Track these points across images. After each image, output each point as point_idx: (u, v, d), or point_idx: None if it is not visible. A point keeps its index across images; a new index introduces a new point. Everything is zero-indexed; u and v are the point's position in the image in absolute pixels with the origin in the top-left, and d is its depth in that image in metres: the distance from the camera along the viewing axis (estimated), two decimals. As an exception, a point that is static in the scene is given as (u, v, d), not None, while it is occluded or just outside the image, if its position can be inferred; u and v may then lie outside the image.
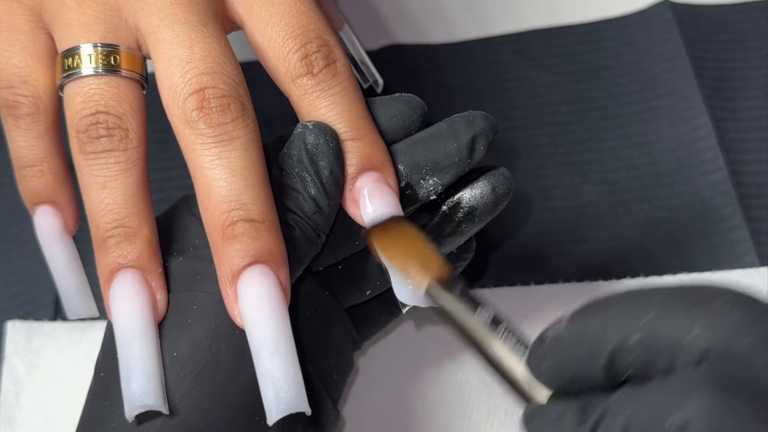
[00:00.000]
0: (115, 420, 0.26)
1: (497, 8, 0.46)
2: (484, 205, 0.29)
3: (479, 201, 0.29)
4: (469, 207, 0.29)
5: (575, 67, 0.44)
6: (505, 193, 0.30)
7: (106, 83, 0.27)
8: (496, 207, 0.30)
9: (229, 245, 0.25)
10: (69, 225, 0.31)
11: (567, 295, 0.37)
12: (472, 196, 0.29)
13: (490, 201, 0.29)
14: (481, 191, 0.29)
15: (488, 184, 0.29)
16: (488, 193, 0.29)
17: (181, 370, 0.26)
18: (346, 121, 0.27)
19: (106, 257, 0.26)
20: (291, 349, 0.25)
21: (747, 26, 0.44)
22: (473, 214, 0.30)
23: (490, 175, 0.30)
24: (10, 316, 0.39)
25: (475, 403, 0.35)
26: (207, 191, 0.26)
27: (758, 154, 0.40)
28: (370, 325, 0.33)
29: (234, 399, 0.26)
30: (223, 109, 0.26)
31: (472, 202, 0.29)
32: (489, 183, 0.29)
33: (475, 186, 0.29)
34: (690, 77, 0.42)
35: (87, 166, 0.27)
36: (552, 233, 0.39)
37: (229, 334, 0.26)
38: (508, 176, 0.30)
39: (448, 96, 0.44)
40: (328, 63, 0.27)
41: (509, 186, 0.30)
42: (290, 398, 0.24)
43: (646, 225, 0.39)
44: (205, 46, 0.26)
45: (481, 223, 0.30)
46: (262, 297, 0.25)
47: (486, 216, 0.30)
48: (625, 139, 0.41)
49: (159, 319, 0.27)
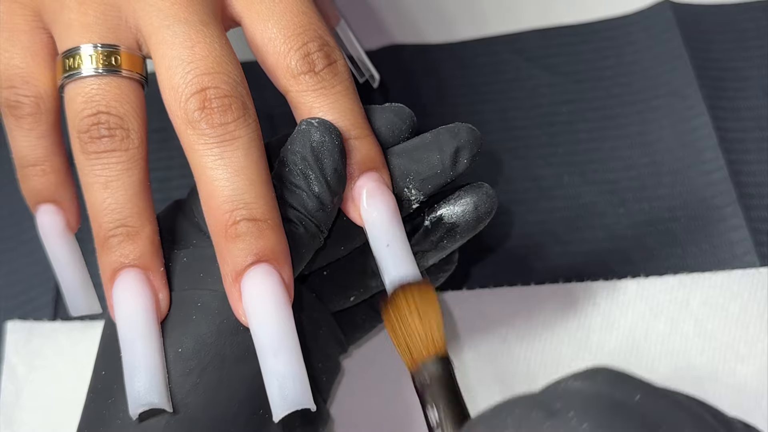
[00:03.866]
0: (120, 417, 0.26)
1: (497, 8, 0.46)
2: (465, 222, 0.30)
3: (461, 218, 0.30)
4: (451, 224, 0.30)
5: (575, 67, 0.44)
6: (487, 212, 0.30)
7: (107, 83, 0.27)
8: (477, 225, 0.30)
9: (233, 244, 0.25)
10: (71, 223, 0.31)
11: (567, 295, 0.37)
12: (454, 213, 0.30)
13: (471, 219, 0.30)
14: (463, 209, 0.30)
15: (471, 201, 0.30)
16: (470, 211, 0.29)
17: (186, 366, 0.26)
18: (349, 119, 0.27)
19: (108, 257, 0.27)
20: (295, 346, 0.25)
21: (747, 26, 0.44)
22: (454, 231, 0.30)
23: (473, 192, 0.30)
24: (10, 316, 0.39)
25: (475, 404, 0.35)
26: (210, 191, 0.26)
27: (758, 154, 0.40)
28: (355, 330, 0.34)
29: (238, 394, 0.27)
30: (225, 109, 0.26)
31: (453, 219, 0.30)
32: (472, 201, 0.30)
33: (457, 203, 0.30)
34: (690, 77, 0.42)
35: (89, 166, 0.27)
36: (552, 233, 0.39)
37: (233, 330, 0.27)
38: (491, 195, 0.30)
39: (447, 96, 0.44)
40: (330, 62, 0.27)
41: (492, 204, 0.30)
42: (295, 395, 0.25)
43: (646, 225, 0.39)
44: (206, 46, 0.26)
45: (462, 240, 0.30)
46: (266, 295, 0.25)
47: (467, 233, 0.30)
48: (625, 139, 0.41)
49: (161, 317, 0.27)
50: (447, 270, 0.33)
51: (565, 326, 0.36)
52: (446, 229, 0.30)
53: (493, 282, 0.38)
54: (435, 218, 0.30)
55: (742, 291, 0.36)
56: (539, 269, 0.38)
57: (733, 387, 0.34)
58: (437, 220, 0.30)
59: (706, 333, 0.35)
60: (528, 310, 0.37)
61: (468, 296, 0.37)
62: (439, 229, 0.30)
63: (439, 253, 0.31)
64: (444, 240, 0.30)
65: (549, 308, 0.37)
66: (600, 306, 0.36)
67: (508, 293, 0.37)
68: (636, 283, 0.37)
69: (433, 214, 0.30)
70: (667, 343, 0.35)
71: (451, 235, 0.30)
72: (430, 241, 0.30)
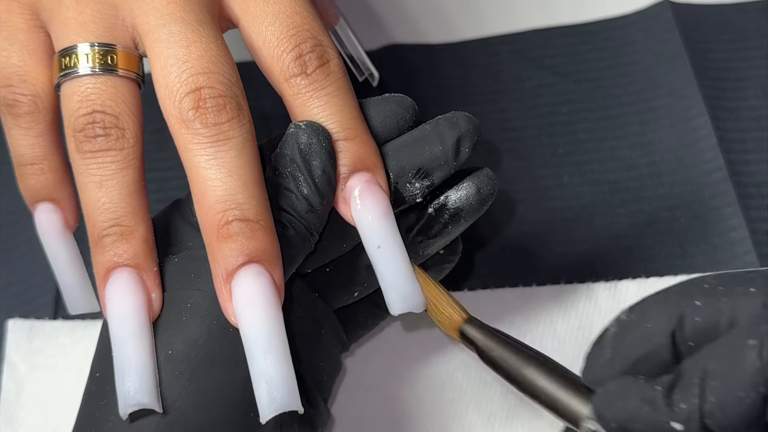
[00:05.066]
0: (112, 419, 0.26)
1: (497, 8, 0.46)
2: (469, 206, 0.30)
3: (464, 202, 0.30)
4: (455, 208, 0.30)
5: (575, 67, 0.44)
6: (489, 194, 0.30)
7: (103, 82, 0.27)
8: (481, 207, 0.30)
9: (224, 244, 0.25)
10: (69, 222, 0.31)
11: (568, 296, 0.37)
12: (458, 197, 0.30)
13: (475, 202, 0.30)
14: (466, 192, 0.30)
15: (473, 185, 0.30)
16: (473, 194, 0.30)
17: (177, 368, 0.26)
18: (339, 121, 0.27)
19: (102, 256, 0.27)
20: (284, 348, 0.25)
21: (747, 26, 0.43)
22: (459, 215, 0.30)
23: (474, 176, 0.30)
24: (10, 315, 0.39)
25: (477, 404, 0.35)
26: (202, 191, 0.26)
27: (758, 154, 0.40)
28: (357, 328, 0.34)
29: (229, 396, 0.26)
30: (219, 109, 0.26)
31: (457, 203, 0.30)
32: (474, 184, 0.30)
33: (460, 188, 0.30)
34: (690, 77, 0.42)
35: (84, 165, 0.27)
36: (552, 233, 0.39)
37: (223, 332, 0.27)
38: (492, 177, 0.30)
39: (446, 96, 0.44)
40: (322, 63, 0.27)
41: (494, 186, 0.30)
42: (283, 397, 0.25)
43: (646, 225, 0.39)
44: (202, 46, 0.26)
45: (466, 224, 0.30)
46: (256, 296, 0.25)
47: (471, 217, 0.30)
48: (625, 139, 0.41)
49: (154, 317, 0.27)
50: (452, 260, 0.33)
51: (567, 327, 0.36)
52: (451, 215, 0.30)
53: (494, 282, 0.38)
54: (438, 204, 0.30)
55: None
56: (539, 269, 0.38)
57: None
58: (441, 206, 0.30)
59: (706, 333, 0.35)
60: (529, 311, 0.37)
61: (469, 297, 0.37)
62: (443, 214, 0.30)
63: (445, 238, 0.31)
64: (449, 225, 0.30)
65: (550, 309, 0.37)
66: (601, 307, 0.36)
67: (510, 294, 0.37)
68: (637, 284, 0.37)
69: (436, 200, 0.30)
70: (666, 344, 0.35)
71: (456, 220, 0.30)
72: (436, 227, 0.30)
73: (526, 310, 0.37)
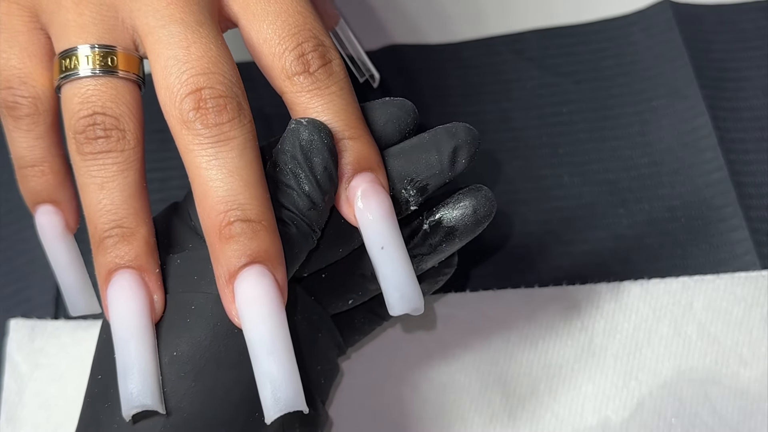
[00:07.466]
0: (116, 421, 0.26)
1: (497, 8, 0.46)
2: (464, 226, 0.29)
3: (460, 222, 0.29)
4: (450, 227, 0.29)
5: (575, 68, 0.44)
6: (486, 215, 0.29)
7: (104, 84, 0.27)
8: (476, 228, 0.30)
9: (226, 245, 0.25)
10: (70, 223, 0.31)
11: (570, 298, 0.37)
12: (453, 216, 0.29)
13: (470, 222, 0.29)
14: (462, 212, 0.29)
15: (470, 205, 0.29)
16: (469, 215, 0.29)
17: (182, 369, 0.26)
18: (343, 120, 0.27)
19: (103, 257, 0.27)
20: (288, 348, 0.25)
21: (747, 26, 0.43)
22: (453, 234, 0.30)
23: (472, 195, 0.29)
24: (10, 315, 0.39)
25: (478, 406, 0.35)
26: (204, 191, 0.26)
27: (758, 154, 0.40)
28: (353, 333, 0.34)
29: (234, 397, 0.26)
30: (220, 110, 0.26)
31: (452, 222, 0.29)
32: (470, 204, 0.29)
33: (456, 206, 0.29)
34: (690, 77, 0.42)
35: (84, 166, 0.27)
36: (552, 233, 0.39)
37: (227, 333, 0.27)
38: (490, 198, 0.30)
39: (447, 97, 0.43)
40: (324, 63, 0.27)
41: (491, 207, 0.30)
42: (288, 397, 0.25)
43: (646, 225, 0.39)
44: (202, 47, 0.26)
45: (460, 243, 0.30)
46: (260, 297, 0.25)
47: (466, 237, 0.30)
48: (625, 139, 0.41)
49: (156, 319, 0.27)
50: (446, 273, 0.33)
51: (568, 329, 0.36)
52: (445, 233, 0.30)
53: (495, 283, 0.38)
54: (434, 222, 0.30)
55: (746, 294, 0.36)
56: (540, 269, 0.38)
57: (736, 390, 0.34)
58: (436, 223, 0.30)
59: (709, 336, 0.35)
60: (531, 313, 0.37)
61: (470, 298, 0.37)
62: (437, 232, 0.30)
63: (438, 256, 0.30)
64: (443, 243, 0.30)
65: (552, 310, 0.37)
66: (603, 308, 0.36)
67: (511, 295, 0.37)
68: (639, 286, 0.37)
69: (431, 217, 0.30)
70: (669, 346, 0.35)
71: (450, 239, 0.30)
72: (429, 244, 0.30)
73: (527, 311, 0.37)
